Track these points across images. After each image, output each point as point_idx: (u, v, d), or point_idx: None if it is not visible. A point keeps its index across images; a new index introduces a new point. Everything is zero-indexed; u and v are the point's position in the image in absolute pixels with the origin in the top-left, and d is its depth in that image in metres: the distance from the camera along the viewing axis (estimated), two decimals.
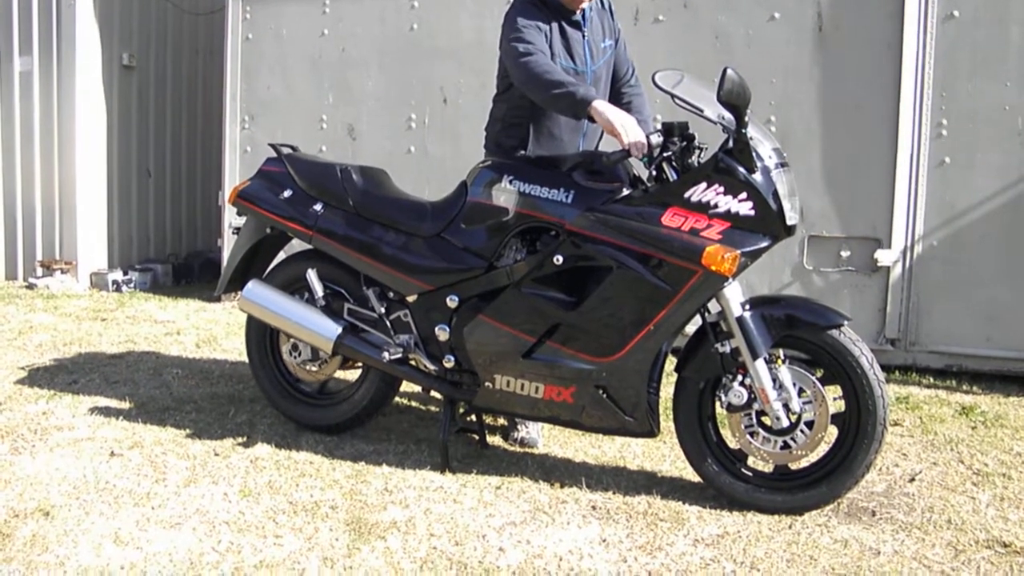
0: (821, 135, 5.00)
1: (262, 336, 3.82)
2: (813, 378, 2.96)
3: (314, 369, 3.67)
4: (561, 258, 3.05)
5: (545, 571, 2.62)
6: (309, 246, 3.64)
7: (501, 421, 3.82)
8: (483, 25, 5.62)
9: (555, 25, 3.28)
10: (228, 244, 6.34)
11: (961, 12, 4.71)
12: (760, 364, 2.93)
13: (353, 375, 3.76)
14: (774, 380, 2.94)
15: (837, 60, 4.95)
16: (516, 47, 3.15)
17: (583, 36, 3.35)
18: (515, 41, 3.17)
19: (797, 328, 2.95)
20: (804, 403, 2.95)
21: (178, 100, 7.96)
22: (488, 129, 3.53)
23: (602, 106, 3.00)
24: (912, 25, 4.77)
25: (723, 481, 3.08)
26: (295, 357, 3.68)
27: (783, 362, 2.97)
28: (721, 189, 2.86)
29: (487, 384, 3.24)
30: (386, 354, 3.39)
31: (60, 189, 7.05)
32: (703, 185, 2.88)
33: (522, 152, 3.39)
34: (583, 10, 3.34)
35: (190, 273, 7.72)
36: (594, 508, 3.05)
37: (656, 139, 2.94)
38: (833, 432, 3.00)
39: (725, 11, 5.13)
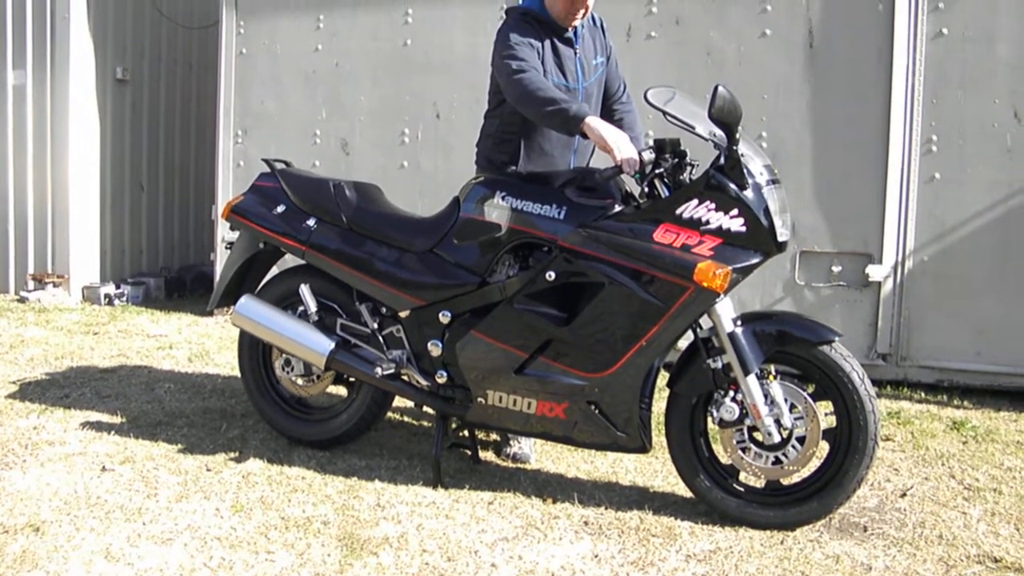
0: (812, 151, 5.03)
1: (255, 351, 3.81)
2: (804, 394, 2.97)
3: (307, 384, 3.67)
4: (553, 274, 3.06)
5: None
6: (302, 261, 3.65)
7: (493, 436, 3.81)
8: (476, 41, 5.65)
9: (547, 42, 3.30)
10: (221, 258, 6.33)
11: (950, 30, 4.75)
12: (752, 380, 2.93)
13: (345, 390, 3.76)
14: (765, 396, 2.95)
15: (828, 76, 4.99)
16: (509, 64, 3.17)
17: (575, 53, 3.37)
18: (508, 58, 3.19)
19: (788, 344, 2.97)
20: (795, 419, 2.96)
21: (171, 114, 7.96)
22: (479, 145, 3.55)
23: (595, 122, 3.02)
24: (902, 42, 4.81)
25: (715, 496, 3.08)
26: (288, 372, 3.68)
27: (775, 378, 2.98)
28: (712, 206, 2.88)
29: (479, 399, 3.24)
30: (379, 369, 3.39)
31: (53, 202, 7.04)
32: (695, 202, 2.89)
33: (513, 168, 3.40)
34: (575, 27, 3.36)
35: (182, 287, 7.70)
36: (586, 524, 3.05)
37: (648, 156, 2.96)
38: (824, 448, 3.01)
39: (717, 28, 5.16)
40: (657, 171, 2.97)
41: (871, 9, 4.87)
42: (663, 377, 3.19)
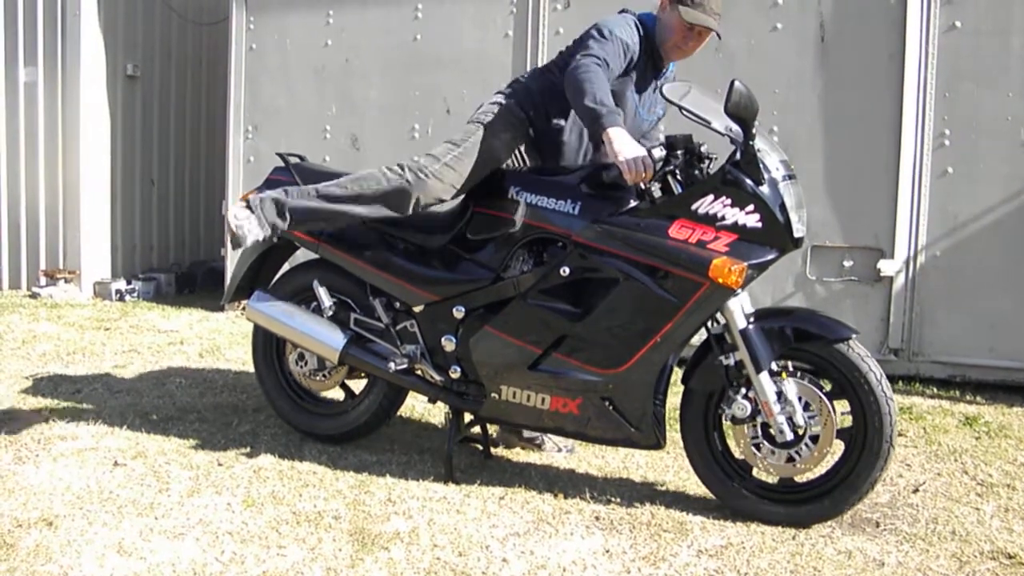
0: (824, 145, 5.02)
1: (268, 346, 3.82)
2: (820, 393, 2.94)
3: (320, 379, 3.67)
4: (568, 269, 3.05)
5: None
6: (316, 256, 3.65)
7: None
8: (485, 35, 5.64)
9: (640, 62, 3.21)
10: (231, 254, 6.35)
11: (963, 23, 4.73)
12: (764, 377, 2.91)
13: (359, 385, 3.76)
14: (779, 394, 2.93)
15: (839, 70, 4.97)
16: (591, 47, 3.05)
17: (652, 89, 3.30)
18: (596, 41, 3.07)
19: (803, 341, 2.94)
20: (809, 417, 2.94)
21: (182, 110, 7.99)
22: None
23: (615, 133, 2.88)
24: (914, 35, 4.79)
25: (727, 492, 3.07)
26: (301, 367, 3.68)
27: (789, 375, 2.96)
28: (728, 201, 2.85)
29: (493, 395, 3.24)
30: (392, 364, 3.38)
31: (64, 198, 7.07)
32: (710, 197, 2.87)
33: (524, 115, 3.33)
34: (668, 66, 3.32)
35: (193, 282, 7.73)
36: (597, 519, 3.04)
37: (659, 153, 2.93)
38: (840, 446, 2.99)
39: (728, 22, 5.08)
40: (668, 168, 2.95)
41: (883, 2, 4.85)
42: (678, 373, 3.18)
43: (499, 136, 3.29)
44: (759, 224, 2.84)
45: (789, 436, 2.94)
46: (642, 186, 2.93)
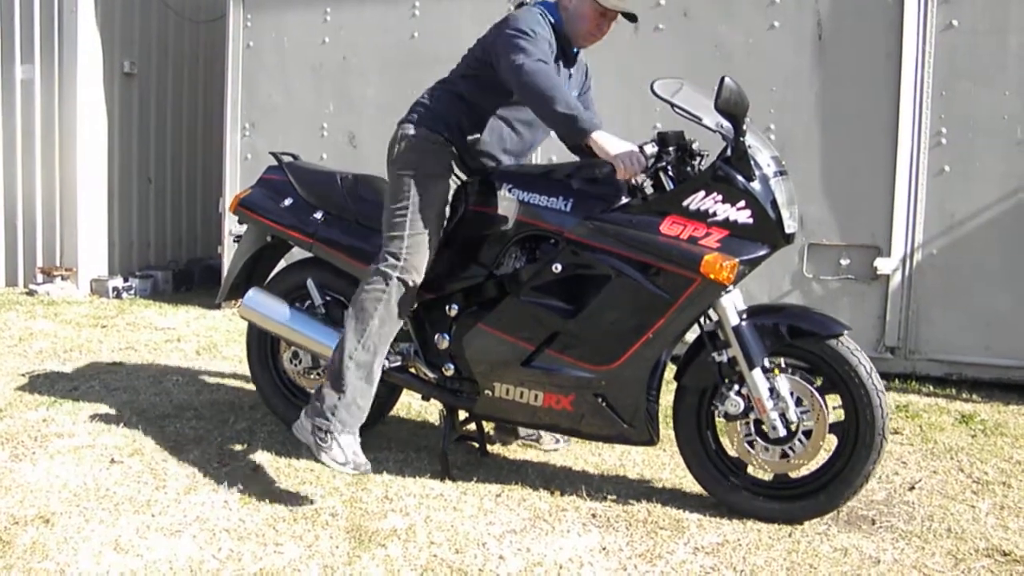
0: (821, 143, 5.02)
1: (262, 344, 3.82)
2: (811, 388, 2.94)
3: (315, 377, 3.67)
4: (560, 266, 3.05)
5: None
6: (310, 254, 3.65)
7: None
8: (483, 33, 5.63)
9: (557, 53, 3.17)
10: (228, 251, 6.35)
11: (960, 21, 4.73)
12: (757, 373, 2.92)
13: None
14: (771, 390, 2.93)
15: (837, 68, 4.97)
16: (525, 48, 2.95)
17: (569, 76, 3.28)
18: (524, 40, 2.98)
19: (795, 337, 2.94)
20: (802, 412, 2.94)
21: (179, 107, 7.98)
22: (432, 105, 3.34)
23: (602, 137, 2.87)
24: (911, 34, 4.79)
25: (723, 489, 3.08)
26: (295, 365, 3.68)
27: (782, 371, 2.97)
28: (719, 197, 2.86)
29: (487, 392, 3.24)
30: (386, 362, 3.39)
31: (61, 196, 7.07)
32: (701, 193, 2.88)
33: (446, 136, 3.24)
34: (575, 51, 3.28)
35: (190, 280, 7.74)
36: (594, 516, 3.05)
37: (651, 149, 2.93)
38: (833, 441, 3.00)
39: (725, 20, 5.14)
40: (660, 164, 2.95)
41: (880, 1, 4.85)
42: (671, 370, 3.19)
43: (429, 171, 3.23)
44: (750, 220, 2.84)
45: (782, 432, 2.94)
46: (634, 182, 2.93)
